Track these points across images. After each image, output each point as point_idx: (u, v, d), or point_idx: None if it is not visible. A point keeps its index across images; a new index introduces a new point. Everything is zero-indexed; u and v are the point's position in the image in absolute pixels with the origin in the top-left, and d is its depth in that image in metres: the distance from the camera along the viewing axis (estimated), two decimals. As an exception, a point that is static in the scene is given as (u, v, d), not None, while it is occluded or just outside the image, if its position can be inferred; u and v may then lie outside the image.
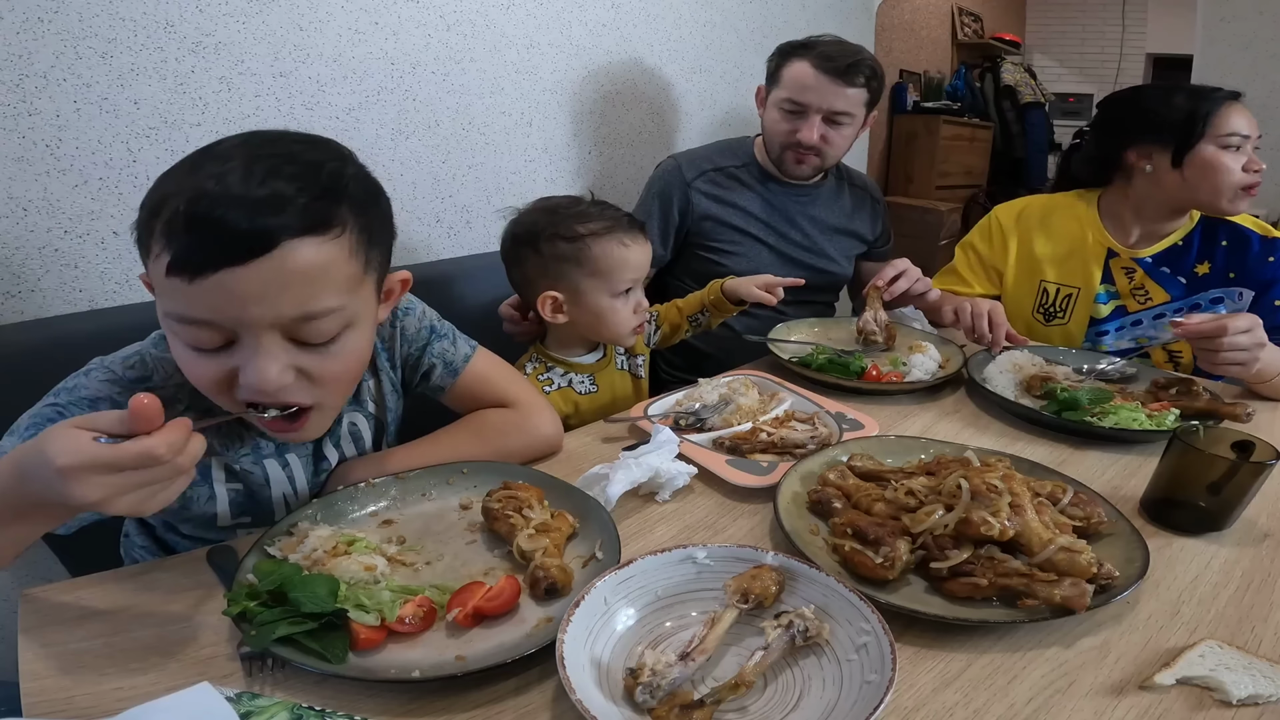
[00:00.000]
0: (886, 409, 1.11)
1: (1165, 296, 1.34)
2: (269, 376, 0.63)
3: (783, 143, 1.50)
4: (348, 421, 0.89)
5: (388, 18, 1.37)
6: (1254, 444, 0.81)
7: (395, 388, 0.94)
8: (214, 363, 0.65)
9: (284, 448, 0.83)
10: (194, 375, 0.67)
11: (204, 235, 0.59)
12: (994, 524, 0.68)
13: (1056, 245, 1.42)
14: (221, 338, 0.63)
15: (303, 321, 0.64)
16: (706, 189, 1.55)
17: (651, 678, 0.55)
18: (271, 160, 0.62)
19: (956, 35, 4.68)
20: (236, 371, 0.64)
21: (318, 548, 0.69)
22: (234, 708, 0.51)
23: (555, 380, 1.16)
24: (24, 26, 1.00)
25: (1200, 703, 0.58)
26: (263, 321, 0.62)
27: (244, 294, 0.60)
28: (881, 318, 1.32)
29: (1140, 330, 1.38)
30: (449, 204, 1.56)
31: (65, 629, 0.63)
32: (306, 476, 0.85)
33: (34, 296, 1.09)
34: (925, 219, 3.81)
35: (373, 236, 0.69)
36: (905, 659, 0.62)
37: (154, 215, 0.61)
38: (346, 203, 0.65)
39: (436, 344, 0.94)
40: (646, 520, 0.82)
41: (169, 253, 0.59)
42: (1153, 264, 1.34)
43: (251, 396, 0.66)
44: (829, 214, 1.61)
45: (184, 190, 0.60)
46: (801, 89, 1.44)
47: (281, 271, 0.61)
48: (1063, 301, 1.42)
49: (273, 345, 0.64)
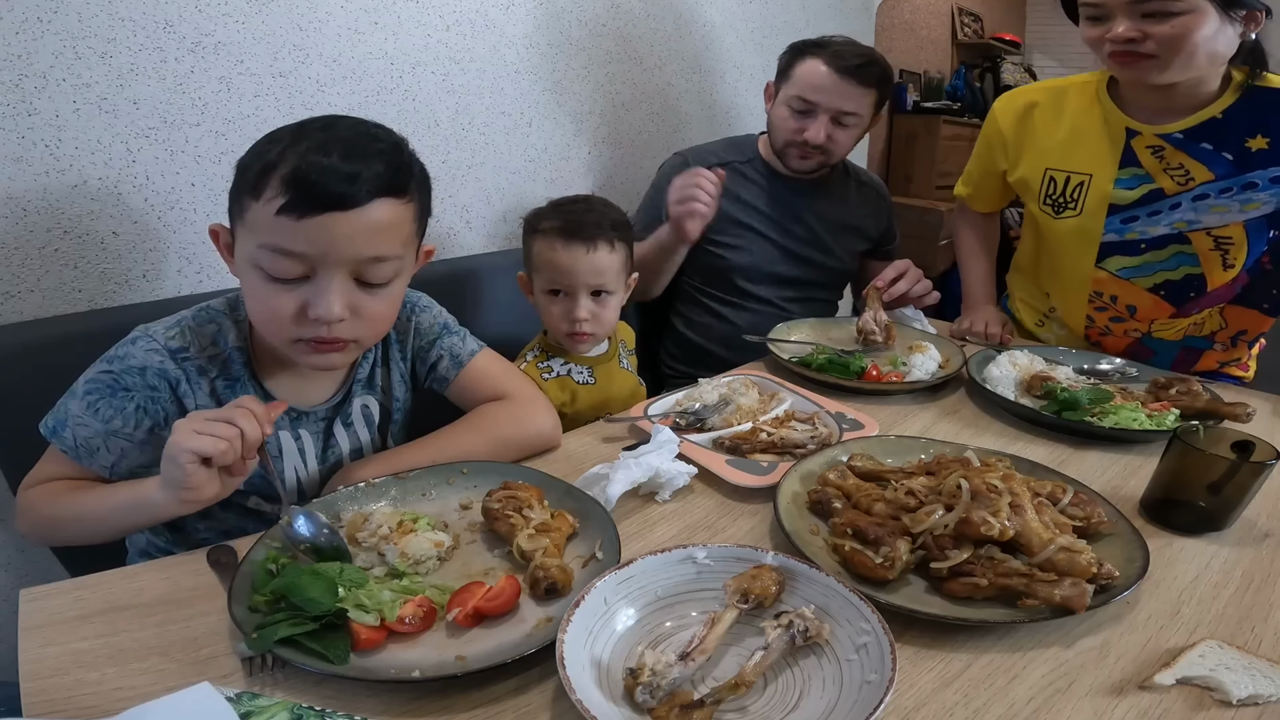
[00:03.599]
0: (886, 409, 1.11)
1: (1209, 175, 1.18)
2: (334, 308, 0.75)
3: (788, 139, 1.50)
4: (360, 404, 0.93)
5: (388, 18, 1.37)
6: (1254, 444, 0.81)
7: (404, 379, 0.98)
8: (289, 295, 0.76)
9: (298, 422, 0.88)
10: (268, 308, 0.77)
11: (317, 186, 0.71)
12: (994, 524, 0.68)
13: (1065, 131, 1.31)
14: (302, 270, 0.75)
15: (372, 263, 0.77)
16: None
17: (651, 678, 0.55)
18: (365, 138, 0.77)
19: (956, 35, 4.68)
20: (305, 306, 0.75)
21: (384, 524, 0.72)
22: (234, 708, 0.51)
23: (555, 368, 1.17)
24: (23, 26, 1.00)
25: (1200, 703, 0.58)
26: (343, 258, 0.75)
27: (337, 234, 0.73)
28: (881, 318, 1.33)
29: (1179, 214, 1.22)
30: (449, 204, 1.56)
31: (65, 629, 0.63)
32: (316, 453, 0.90)
33: (34, 296, 1.09)
34: (925, 219, 3.81)
35: (425, 209, 0.84)
36: (905, 659, 0.62)
37: (269, 168, 0.72)
38: (415, 178, 0.80)
39: (447, 339, 0.99)
40: (646, 520, 0.82)
41: (285, 196, 0.71)
42: (1186, 139, 1.18)
43: (314, 330, 0.77)
44: (834, 210, 1.61)
45: (299, 149, 0.73)
46: (812, 88, 1.44)
47: (367, 221, 0.74)
48: (1073, 191, 1.29)
49: (342, 283, 0.76)
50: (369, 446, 0.95)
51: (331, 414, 0.91)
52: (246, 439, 0.68)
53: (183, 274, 1.21)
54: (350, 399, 0.92)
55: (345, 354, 0.82)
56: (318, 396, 0.90)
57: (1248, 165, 1.16)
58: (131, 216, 1.15)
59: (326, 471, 0.91)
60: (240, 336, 0.85)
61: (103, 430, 0.79)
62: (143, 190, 1.15)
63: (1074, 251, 1.32)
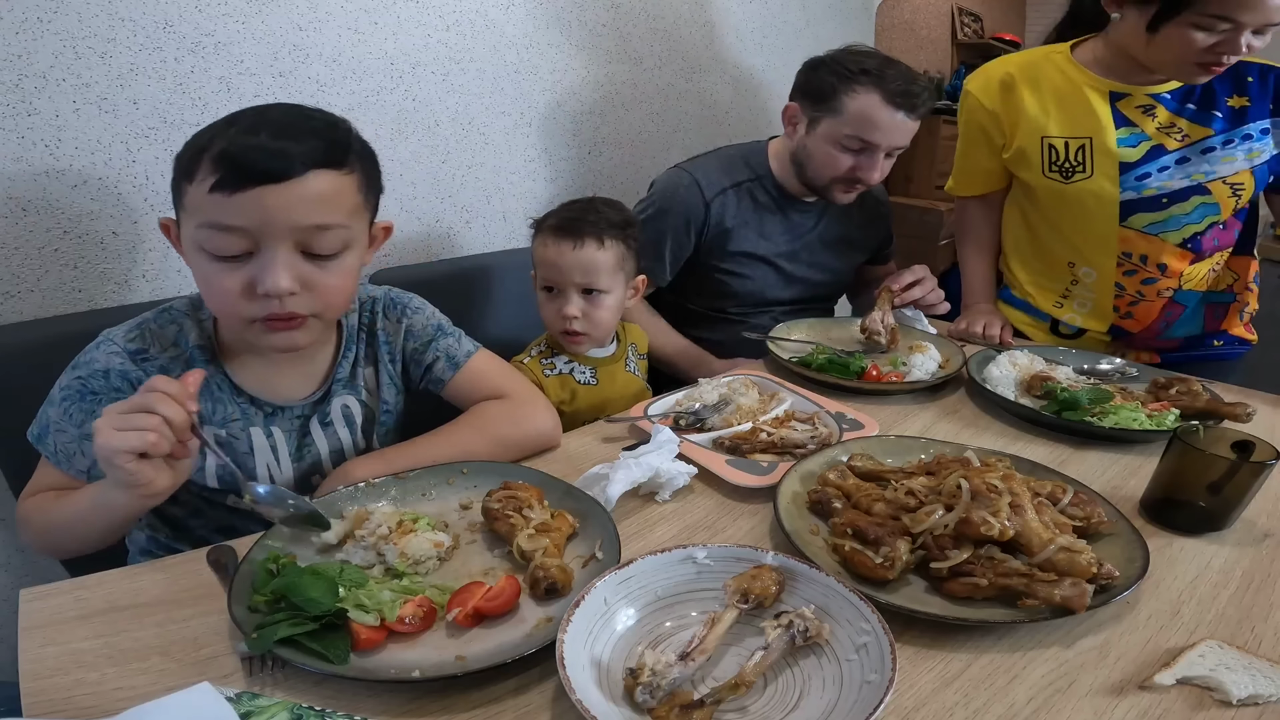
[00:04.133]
0: (886, 409, 1.11)
1: (1208, 130, 1.25)
2: (281, 280, 0.74)
3: (837, 176, 1.38)
4: (340, 403, 0.92)
5: (387, 18, 1.37)
6: (1254, 444, 0.81)
7: (394, 381, 0.97)
8: (235, 273, 0.75)
9: (271, 418, 0.88)
10: (216, 288, 0.76)
11: (248, 160, 0.71)
12: (994, 524, 0.68)
13: (1050, 99, 1.32)
14: (245, 245, 0.74)
15: (316, 232, 0.76)
16: (725, 208, 1.45)
17: (651, 678, 0.55)
18: (296, 117, 0.77)
19: (956, 35, 4.67)
20: (253, 282, 0.75)
21: (383, 523, 0.72)
22: (234, 708, 0.51)
23: (558, 365, 1.18)
24: (23, 26, 1.00)
25: (1200, 703, 0.58)
26: (284, 229, 0.74)
27: (273, 206, 0.72)
28: (889, 321, 1.32)
29: (1193, 167, 1.25)
30: (449, 204, 1.56)
31: (65, 629, 0.63)
32: (290, 451, 0.89)
33: (34, 296, 1.09)
34: (925, 219, 3.80)
35: (371, 182, 0.83)
36: (905, 659, 0.62)
37: (200, 152, 0.72)
38: (354, 151, 0.80)
39: (442, 340, 0.98)
40: (646, 520, 0.82)
41: (216, 174, 0.71)
42: (1173, 100, 1.26)
43: (266, 307, 0.76)
44: (837, 228, 1.55)
45: (228, 133, 0.73)
46: (872, 127, 1.31)
47: (303, 192, 0.74)
48: (1076, 154, 1.30)
49: (287, 255, 0.75)
50: (350, 448, 0.94)
51: (309, 412, 0.90)
52: (174, 424, 0.65)
53: (182, 274, 1.21)
54: (330, 398, 0.92)
55: (305, 331, 0.81)
56: (294, 393, 0.90)
57: (1237, 121, 1.25)
58: (131, 216, 1.15)
59: (301, 471, 0.90)
60: (203, 335, 0.86)
61: (77, 435, 0.80)
62: (143, 190, 1.15)
63: (1096, 213, 1.31)
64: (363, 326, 0.96)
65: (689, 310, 1.56)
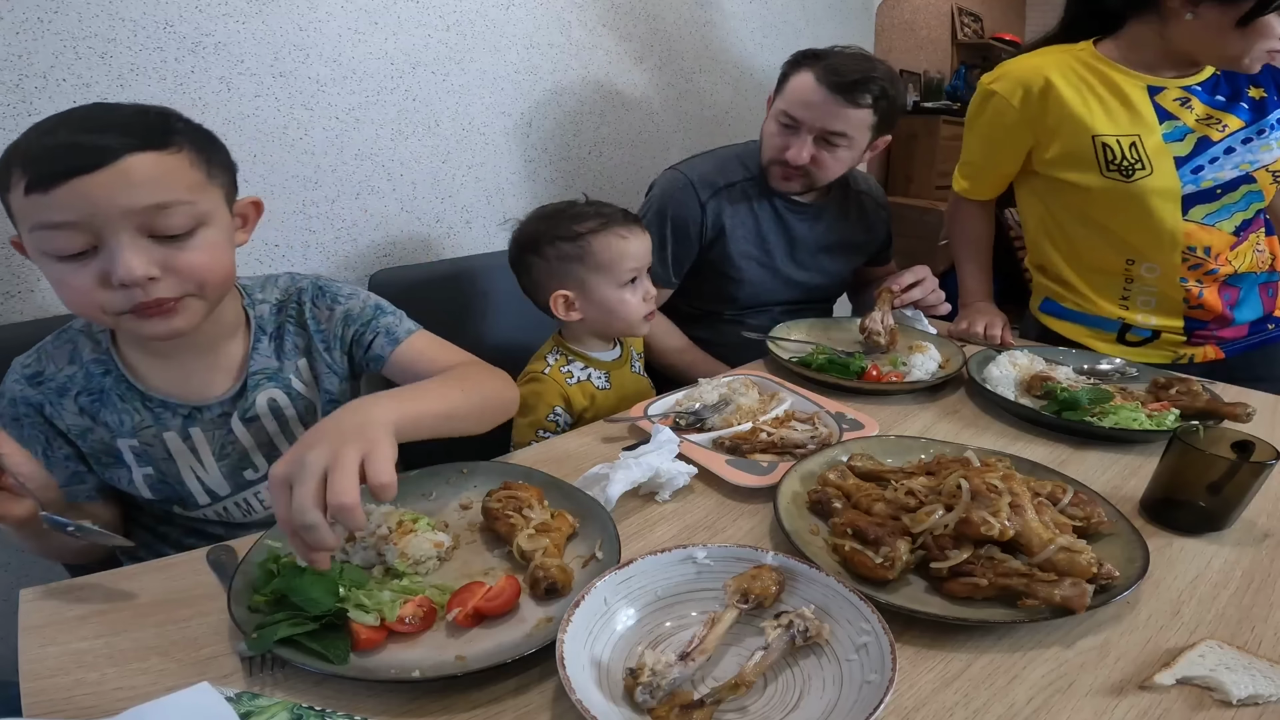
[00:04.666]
0: (886, 409, 1.11)
1: (1240, 121, 1.27)
2: (133, 266, 0.71)
3: (771, 157, 1.41)
4: (264, 397, 0.91)
5: (387, 18, 1.37)
6: (1254, 444, 0.81)
7: (334, 369, 0.96)
8: (84, 270, 0.72)
9: (189, 420, 0.87)
10: (69, 289, 0.74)
11: (55, 154, 0.70)
12: (994, 524, 0.68)
13: (1089, 96, 1.29)
14: (84, 240, 0.71)
15: (156, 212, 0.72)
16: (720, 209, 1.45)
17: (651, 678, 0.55)
18: (101, 110, 0.75)
19: (956, 35, 4.68)
20: (106, 276, 0.72)
21: (383, 524, 0.71)
22: (234, 708, 0.51)
23: (575, 373, 1.18)
24: (23, 27, 1.00)
25: (1200, 703, 0.58)
26: (116, 215, 0.70)
27: (95, 195, 0.69)
28: (888, 321, 1.32)
29: (1239, 157, 1.27)
30: (449, 204, 1.56)
31: (65, 629, 0.63)
32: (212, 450, 0.88)
33: (34, 296, 1.09)
34: (925, 219, 3.81)
35: (209, 158, 0.78)
36: (905, 659, 0.62)
37: (9, 162, 0.71)
38: (178, 131, 0.76)
39: (382, 318, 0.97)
40: (646, 520, 0.82)
41: (26, 177, 0.69)
42: (1205, 92, 1.27)
43: (129, 298, 0.73)
44: (835, 231, 1.54)
45: (31, 137, 0.72)
46: (800, 103, 1.33)
47: (124, 176, 0.70)
48: (1130, 151, 1.27)
49: (132, 240, 0.72)
50: (286, 442, 0.92)
51: (229, 408, 0.89)
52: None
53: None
54: (248, 392, 0.89)
55: (183, 315, 0.78)
56: (209, 390, 0.88)
57: (1260, 111, 1.27)
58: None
59: (229, 468, 0.90)
60: (98, 349, 0.86)
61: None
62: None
63: (1161, 210, 1.29)
64: (289, 317, 0.94)
65: (685, 311, 1.55)
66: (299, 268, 1.38)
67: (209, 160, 0.78)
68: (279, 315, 0.94)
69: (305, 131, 1.32)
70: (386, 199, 1.47)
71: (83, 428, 0.85)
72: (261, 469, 0.92)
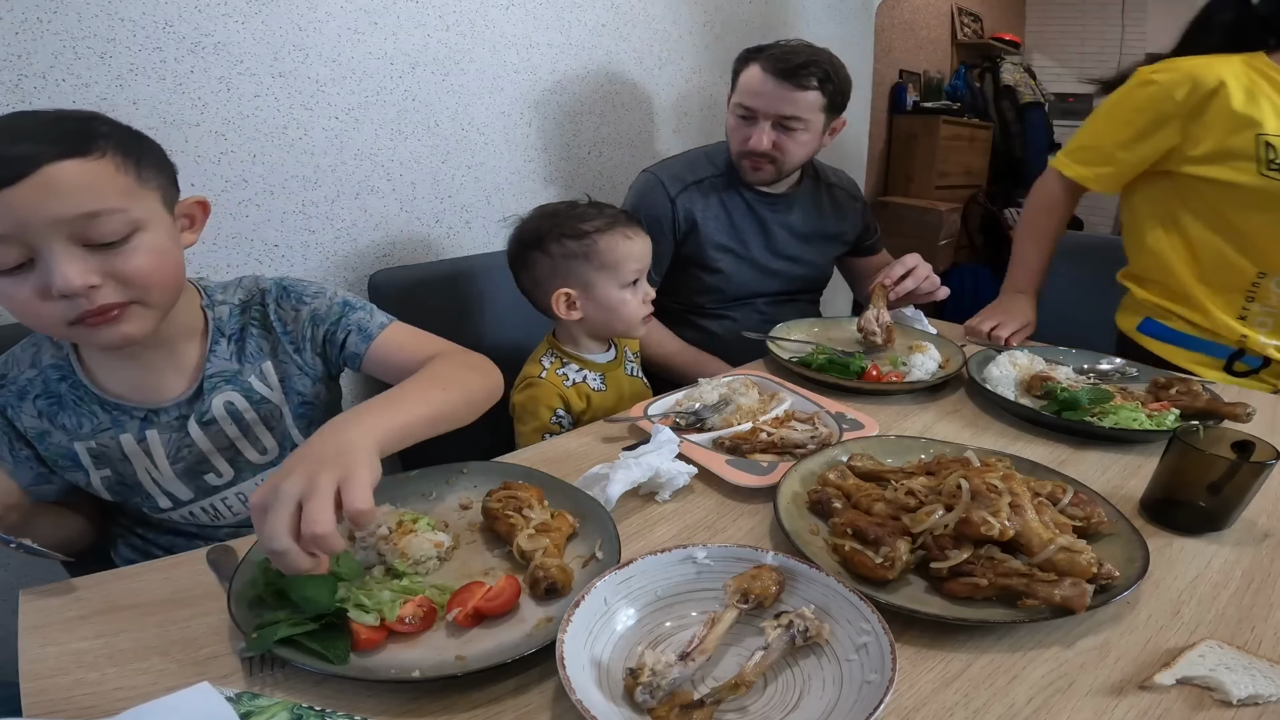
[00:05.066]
0: (886, 409, 1.11)
1: None
2: (70, 276, 0.70)
3: (738, 150, 1.45)
4: (222, 400, 0.89)
5: (387, 18, 1.37)
6: (1254, 444, 0.81)
7: (305, 370, 0.95)
8: (23, 283, 0.71)
9: (145, 423, 0.87)
10: (16, 305, 0.73)
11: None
12: (994, 524, 0.68)
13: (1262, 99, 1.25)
14: (19, 253, 0.70)
15: (86, 221, 0.71)
16: (691, 203, 1.48)
17: (651, 678, 0.55)
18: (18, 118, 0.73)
19: (956, 35, 4.68)
20: (46, 288, 0.71)
21: (383, 524, 0.71)
22: (234, 708, 0.51)
23: (570, 375, 1.17)
24: (23, 27, 1.00)
25: (1200, 703, 0.58)
26: (45, 227, 0.69)
27: (19, 208, 0.67)
28: (884, 318, 1.32)
29: None
30: (449, 204, 1.56)
31: (65, 629, 0.63)
32: (167, 452, 0.88)
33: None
34: (925, 219, 3.81)
35: (141, 159, 0.76)
36: (905, 659, 0.62)
37: None
38: (100, 134, 0.73)
39: (352, 315, 0.95)
40: (646, 520, 0.82)
41: None
42: None
43: (74, 307, 0.72)
44: (807, 220, 1.57)
45: None
46: (751, 93, 1.39)
47: (49, 186, 0.68)
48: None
49: (69, 250, 0.71)
50: (249, 445, 0.92)
51: (185, 411, 0.88)
52: None
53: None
54: (204, 395, 0.88)
55: (133, 320, 0.77)
56: (165, 393, 0.88)
57: None
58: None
59: (184, 470, 0.89)
60: (58, 353, 0.85)
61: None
62: (143, 190, 1.15)
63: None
64: (252, 319, 0.93)
65: (670, 309, 1.56)
66: (299, 268, 1.38)
67: (138, 163, 0.75)
68: (242, 316, 0.93)
69: (305, 131, 1.32)
70: (386, 199, 1.47)
71: (40, 430, 0.85)
72: (225, 474, 0.91)
